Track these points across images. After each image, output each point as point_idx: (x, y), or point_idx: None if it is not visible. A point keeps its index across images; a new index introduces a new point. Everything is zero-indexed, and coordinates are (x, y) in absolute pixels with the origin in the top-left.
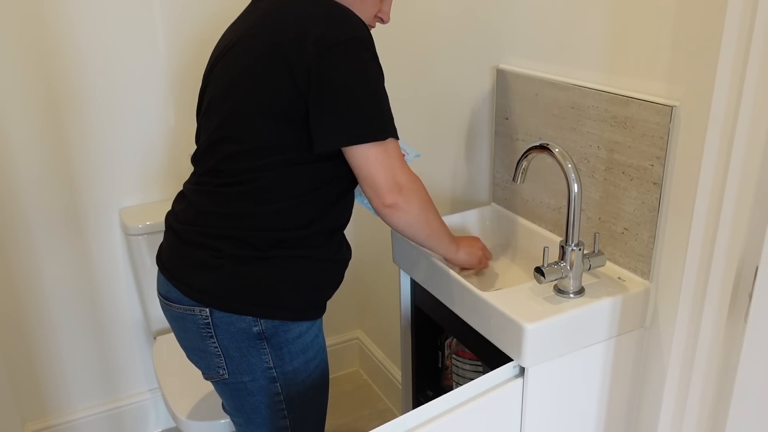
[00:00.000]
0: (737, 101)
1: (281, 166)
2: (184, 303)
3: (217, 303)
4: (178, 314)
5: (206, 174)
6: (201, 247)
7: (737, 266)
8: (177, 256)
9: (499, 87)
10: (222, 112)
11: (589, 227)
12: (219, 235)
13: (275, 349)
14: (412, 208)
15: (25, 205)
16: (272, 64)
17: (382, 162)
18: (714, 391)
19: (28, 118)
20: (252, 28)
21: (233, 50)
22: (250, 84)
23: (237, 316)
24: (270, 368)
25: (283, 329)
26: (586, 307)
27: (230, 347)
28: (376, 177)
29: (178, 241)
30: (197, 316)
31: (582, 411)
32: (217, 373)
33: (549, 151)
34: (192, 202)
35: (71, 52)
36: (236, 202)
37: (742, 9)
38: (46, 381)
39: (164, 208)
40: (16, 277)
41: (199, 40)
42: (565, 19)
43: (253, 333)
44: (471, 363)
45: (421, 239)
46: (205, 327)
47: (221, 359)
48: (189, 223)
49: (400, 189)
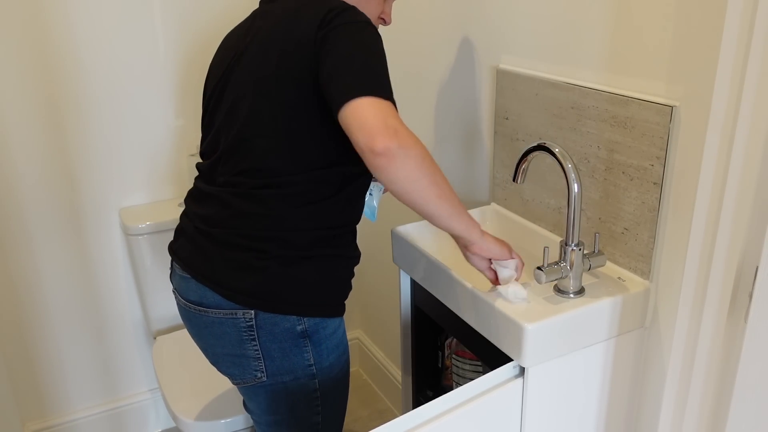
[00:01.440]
0: (737, 101)
1: (316, 167)
2: (225, 307)
3: (263, 304)
4: (214, 320)
5: (240, 175)
6: (243, 249)
7: (737, 266)
8: (216, 261)
9: (499, 87)
10: (249, 113)
11: (589, 227)
12: (263, 236)
13: (315, 346)
14: (411, 154)
15: (25, 205)
16: (292, 62)
17: (374, 108)
18: (714, 391)
19: (28, 118)
20: (270, 28)
21: (252, 52)
22: (276, 83)
23: (282, 317)
24: (311, 365)
25: (322, 326)
26: (586, 307)
27: (272, 348)
28: (366, 119)
29: (214, 245)
30: (239, 319)
31: (582, 411)
32: (253, 377)
33: (549, 151)
34: (227, 205)
35: (71, 52)
36: (277, 204)
37: (742, 9)
38: (46, 381)
39: (164, 208)
40: (16, 277)
41: (199, 39)
42: (565, 19)
43: (297, 332)
44: (471, 363)
45: (426, 200)
46: (247, 330)
47: (260, 362)
48: (226, 227)
49: (393, 132)
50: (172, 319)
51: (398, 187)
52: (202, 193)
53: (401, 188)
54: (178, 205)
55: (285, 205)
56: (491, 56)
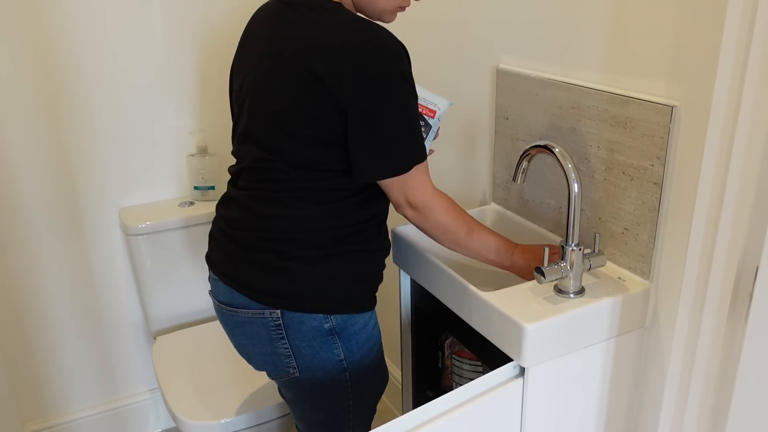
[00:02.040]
0: (737, 101)
1: (334, 176)
2: (252, 307)
3: (288, 304)
4: (244, 319)
5: (262, 181)
6: (265, 251)
7: (737, 266)
8: (240, 263)
9: (499, 87)
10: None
11: (589, 227)
12: (282, 238)
13: (345, 342)
14: (428, 222)
15: (25, 205)
16: (312, 93)
17: (395, 188)
18: (714, 391)
19: (29, 118)
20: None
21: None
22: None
23: (308, 315)
24: (341, 360)
25: (351, 322)
26: (586, 307)
27: (302, 346)
28: (392, 196)
29: (237, 248)
30: (267, 318)
31: (582, 411)
32: (287, 373)
33: (549, 151)
34: (247, 208)
35: (71, 52)
36: (294, 206)
37: (742, 9)
38: (46, 381)
39: (164, 208)
40: (16, 277)
41: (199, 40)
42: (565, 19)
43: (325, 329)
44: (471, 363)
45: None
46: (276, 329)
47: (291, 359)
48: (247, 229)
49: (414, 208)
50: (172, 319)
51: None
52: (228, 196)
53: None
54: (178, 205)
55: (302, 207)
56: (491, 56)
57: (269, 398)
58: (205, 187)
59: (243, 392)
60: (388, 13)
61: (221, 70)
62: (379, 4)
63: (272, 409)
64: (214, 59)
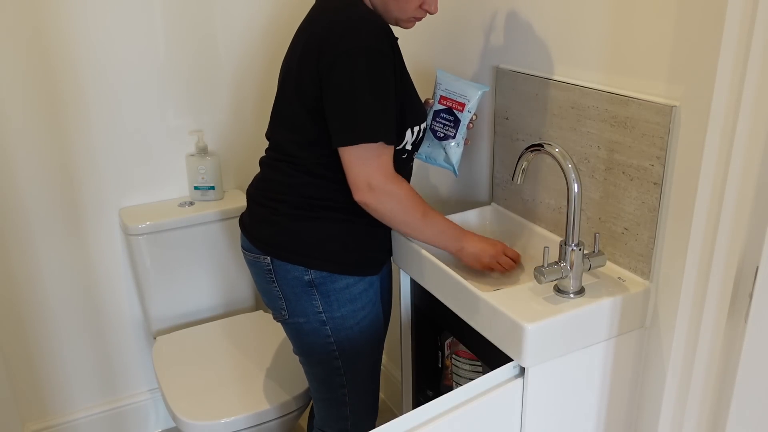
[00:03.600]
0: (737, 101)
1: (327, 154)
2: (253, 252)
3: (276, 252)
4: (250, 261)
5: (271, 149)
6: (263, 206)
7: (737, 266)
8: (248, 214)
9: (499, 87)
10: (278, 103)
11: (589, 227)
12: (278, 198)
13: (323, 296)
14: (381, 208)
15: (26, 205)
16: (303, 68)
17: (357, 163)
18: (714, 391)
19: (29, 118)
20: (304, 25)
21: (291, 44)
22: (294, 82)
23: (291, 265)
24: (320, 312)
25: (331, 279)
26: (586, 307)
27: (288, 291)
28: (350, 175)
29: (249, 201)
30: (261, 263)
31: (582, 411)
32: (280, 314)
33: (549, 151)
34: (261, 171)
35: (71, 52)
36: (291, 174)
37: (742, 9)
38: (46, 381)
39: (164, 208)
40: (16, 277)
41: (199, 39)
42: (565, 19)
43: (305, 280)
44: (471, 363)
45: (409, 234)
46: (268, 273)
47: (282, 302)
48: (257, 188)
49: (370, 189)
50: (172, 319)
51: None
52: None
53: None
54: (178, 205)
55: (297, 176)
56: (491, 56)
57: (269, 398)
58: (205, 187)
59: (243, 392)
60: (403, 20)
61: (222, 70)
62: (392, 12)
63: (272, 409)
64: (215, 59)
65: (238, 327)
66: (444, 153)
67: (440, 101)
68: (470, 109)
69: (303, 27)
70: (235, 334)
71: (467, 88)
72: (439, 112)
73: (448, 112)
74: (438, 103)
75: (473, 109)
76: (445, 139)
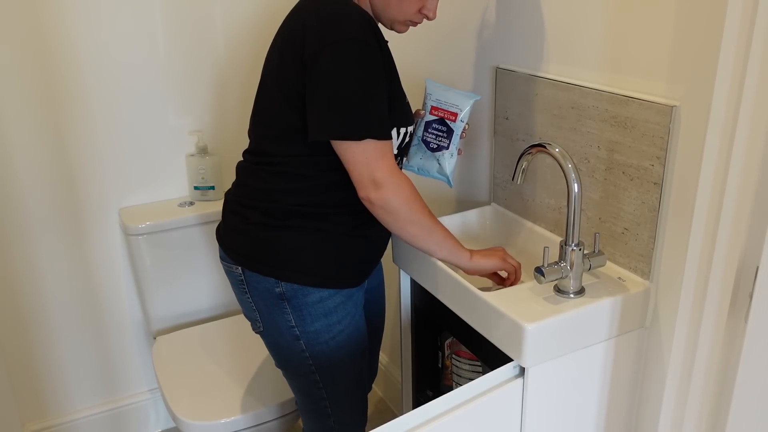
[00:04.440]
0: (737, 101)
1: (305, 153)
2: (226, 261)
3: (245, 263)
4: (226, 270)
5: (247, 152)
6: (236, 214)
7: (737, 266)
8: (223, 222)
9: (499, 87)
10: (259, 98)
11: (589, 227)
12: (249, 205)
13: (295, 310)
14: (389, 205)
15: (25, 205)
16: (285, 56)
17: (358, 159)
18: (714, 391)
19: (28, 118)
20: (287, 18)
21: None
22: (275, 72)
23: (262, 277)
24: (292, 327)
25: (303, 293)
26: (586, 307)
27: (260, 304)
28: (353, 172)
29: (225, 208)
30: (234, 273)
31: (582, 411)
32: (256, 326)
33: (549, 151)
34: (237, 177)
35: (71, 52)
36: (266, 178)
37: (742, 9)
38: (46, 381)
39: (164, 208)
40: (16, 277)
41: (199, 39)
42: (565, 19)
43: (276, 293)
44: (471, 363)
45: (408, 238)
46: (241, 283)
47: (257, 313)
48: (232, 194)
49: (376, 185)
50: (172, 319)
51: (388, 227)
52: None
53: (390, 227)
54: (178, 205)
55: (273, 179)
56: (491, 56)
57: (269, 398)
58: (205, 187)
59: (243, 392)
60: (399, 23)
61: (221, 70)
62: (389, 13)
63: (272, 409)
64: (215, 59)
65: (238, 327)
66: (437, 164)
67: (431, 112)
68: (463, 118)
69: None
70: (235, 334)
71: (458, 98)
72: (431, 122)
73: (441, 123)
74: (429, 114)
75: (466, 119)
76: (439, 150)
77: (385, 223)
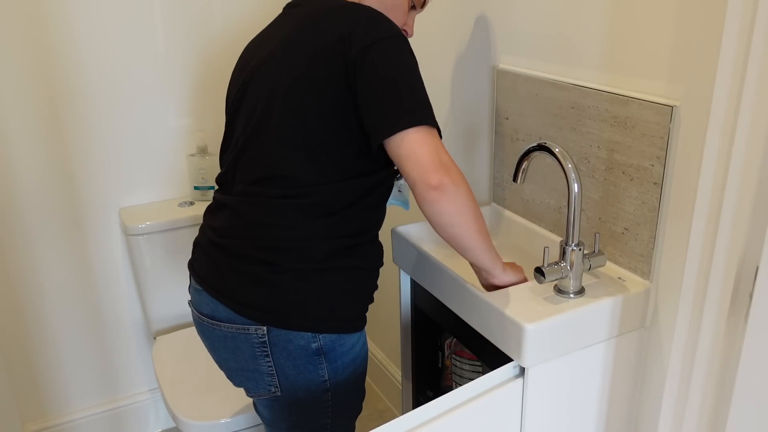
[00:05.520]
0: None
1: (336, 179)
2: (237, 322)
3: (276, 320)
4: (227, 334)
5: (256, 184)
6: (255, 262)
7: (737, 266)
8: (227, 273)
9: (499, 87)
10: (270, 119)
11: (589, 227)
12: (275, 247)
13: (331, 363)
14: (461, 190)
15: (25, 205)
16: (319, 67)
17: (427, 142)
18: (714, 391)
19: (28, 118)
20: (293, 33)
21: (275, 57)
22: (299, 89)
23: (296, 333)
24: (325, 381)
25: (340, 342)
26: (586, 307)
27: (286, 365)
28: (421, 155)
29: (226, 257)
30: (252, 335)
31: (582, 411)
32: (267, 392)
33: (549, 151)
34: (239, 215)
35: (71, 52)
36: (291, 213)
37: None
38: (46, 381)
39: (164, 208)
40: (16, 277)
41: (199, 39)
42: (565, 19)
43: (312, 349)
44: (471, 363)
45: (469, 233)
46: (261, 346)
47: (274, 378)
48: (238, 237)
49: (446, 168)
50: (172, 319)
51: (444, 220)
52: (218, 204)
53: (447, 221)
54: (178, 205)
55: (300, 215)
56: (491, 56)
57: None
58: (205, 187)
59: (243, 392)
60: None
61: (222, 70)
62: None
63: None
64: (215, 59)
65: None
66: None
67: None
68: None
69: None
70: None
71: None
72: None
73: None
74: None
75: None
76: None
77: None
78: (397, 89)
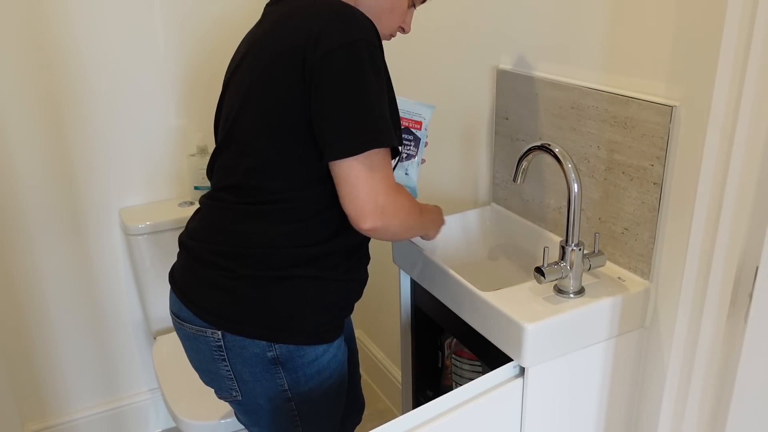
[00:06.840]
0: (737, 101)
1: (301, 187)
2: (196, 324)
3: (230, 326)
4: (190, 334)
5: (224, 190)
6: (213, 267)
7: (737, 266)
8: (190, 276)
9: (499, 87)
10: (238, 124)
11: (589, 227)
12: (233, 253)
13: (290, 373)
14: (393, 224)
15: (26, 205)
16: (281, 69)
17: (367, 180)
18: (714, 391)
19: (29, 118)
20: (265, 33)
21: (247, 59)
22: (262, 92)
23: (250, 341)
24: (285, 390)
25: (299, 354)
26: (586, 307)
27: (243, 371)
28: (357, 196)
29: (190, 260)
30: (209, 338)
31: (582, 411)
32: (230, 395)
33: (549, 151)
34: (206, 219)
35: (72, 52)
36: (254, 220)
37: (742, 9)
38: (46, 381)
39: (164, 208)
40: (16, 277)
41: (199, 40)
42: (565, 19)
43: (267, 358)
44: (471, 363)
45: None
46: (218, 350)
47: (233, 382)
48: (202, 240)
49: (381, 212)
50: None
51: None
52: (198, 207)
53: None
54: (178, 205)
55: (261, 222)
56: (491, 56)
57: None
58: (205, 187)
59: None
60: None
61: (222, 71)
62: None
63: None
64: (215, 59)
65: None
66: (405, 174)
67: None
68: (426, 126)
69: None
70: None
71: (419, 107)
72: None
73: (407, 132)
74: None
75: (428, 126)
76: (408, 159)
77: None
78: (349, 106)
